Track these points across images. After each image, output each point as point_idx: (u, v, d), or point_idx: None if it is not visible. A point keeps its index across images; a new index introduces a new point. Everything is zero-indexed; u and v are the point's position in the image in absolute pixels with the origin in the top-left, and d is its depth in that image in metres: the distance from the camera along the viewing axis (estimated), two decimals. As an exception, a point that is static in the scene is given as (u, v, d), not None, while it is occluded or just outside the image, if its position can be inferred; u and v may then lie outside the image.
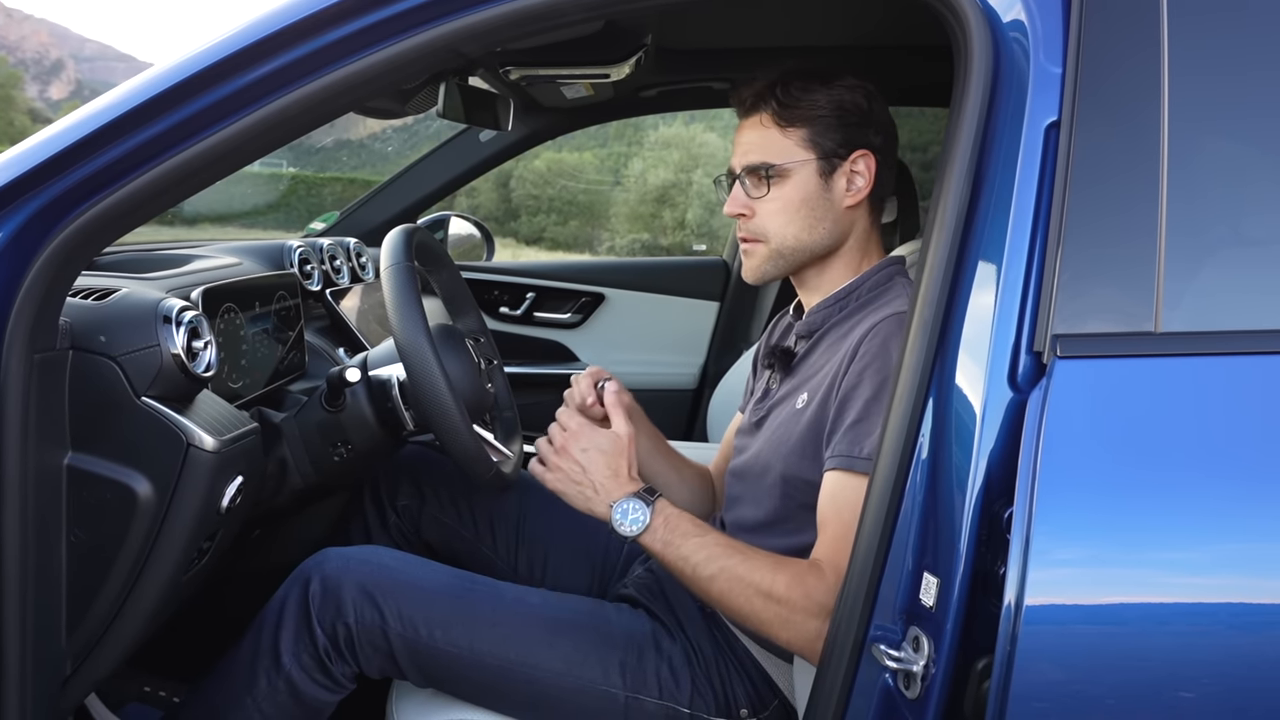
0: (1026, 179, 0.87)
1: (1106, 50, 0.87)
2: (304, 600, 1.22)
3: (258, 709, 1.22)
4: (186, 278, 1.41)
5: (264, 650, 1.22)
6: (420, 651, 1.20)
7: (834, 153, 1.21)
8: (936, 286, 0.91)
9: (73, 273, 0.99)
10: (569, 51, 1.57)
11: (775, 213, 1.22)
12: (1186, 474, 0.81)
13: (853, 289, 1.26)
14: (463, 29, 0.95)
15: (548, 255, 11.80)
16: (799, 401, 1.23)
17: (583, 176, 14.19)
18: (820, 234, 1.23)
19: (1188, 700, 0.79)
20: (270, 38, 0.94)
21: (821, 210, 1.22)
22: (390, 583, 1.23)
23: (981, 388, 0.85)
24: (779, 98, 1.21)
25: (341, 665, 1.22)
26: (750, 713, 1.23)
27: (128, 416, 1.05)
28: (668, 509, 1.15)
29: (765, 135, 1.22)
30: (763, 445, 1.28)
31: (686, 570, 1.13)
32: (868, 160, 1.22)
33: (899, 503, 0.91)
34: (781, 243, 1.24)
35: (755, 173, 1.22)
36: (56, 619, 1.04)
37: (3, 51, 22.78)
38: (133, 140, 0.94)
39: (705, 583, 1.12)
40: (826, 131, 1.21)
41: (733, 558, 1.12)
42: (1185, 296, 0.84)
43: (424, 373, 1.22)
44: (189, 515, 1.08)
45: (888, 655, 0.88)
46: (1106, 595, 0.79)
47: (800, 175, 1.21)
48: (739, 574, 1.10)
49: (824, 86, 1.21)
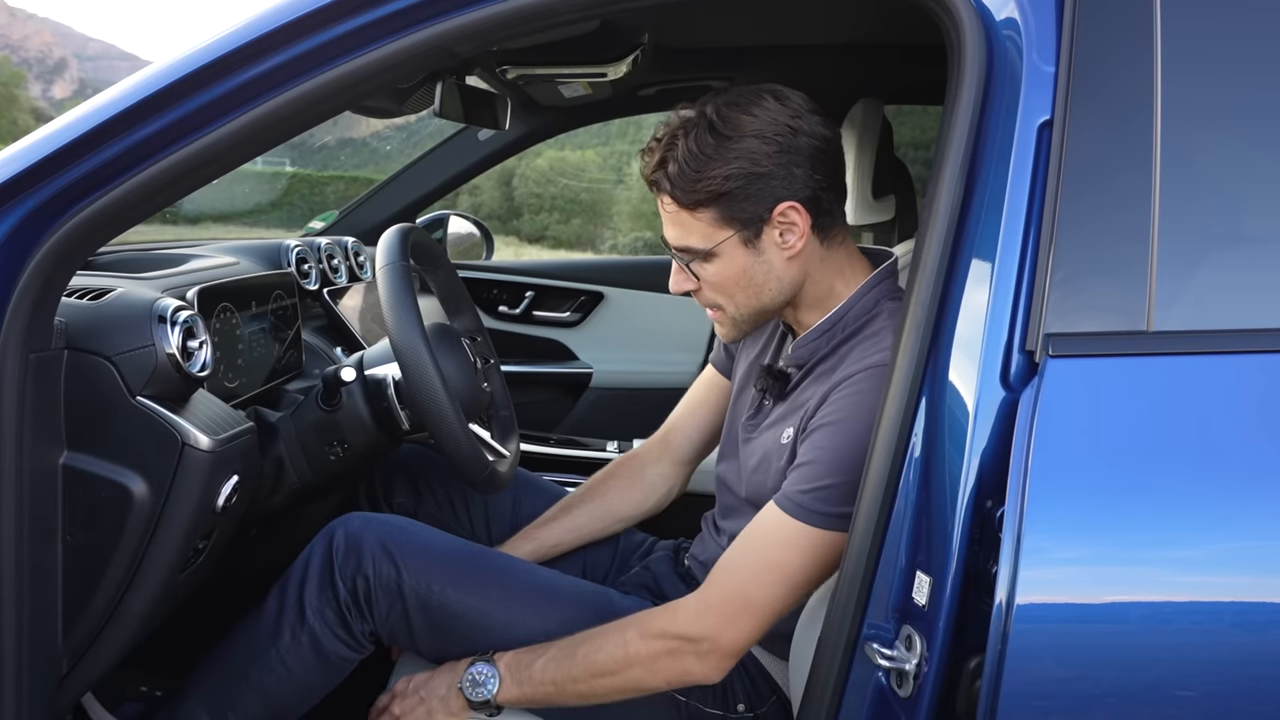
0: (1019, 178, 0.87)
1: (1100, 49, 0.87)
2: (328, 554, 1.24)
3: (281, 661, 1.24)
4: (182, 277, 1.41)
5: (289, 604, 1.24)
6: (431, 606, 1.23)
7: (754, 219, 1.11)
8: (929, 285, 0.91)
9: (68, 272, 0.99)
10: (566, 51, 1.57)
11: (717, 286, 1.16)
12: (1179, 473, 0.81)
13: (838, 319, 1.19)
14: (456, 29, 0.95)
15: (550, 254, 11.79)
16: (784, 436, 1.20)
17: (585, 175, 14.17)
18: (770, 294, 1.16)
19: (1182, 699, 0.79)
20: (264, 37, 0.94)
21: (761, 275, 1.15)
22: (408, 543, 1.26)
23: (974, 387, 0.85)
24: (673, 181, 1.10)
25: (360, 622, 1.24)
26: (748, 708, 1.24)
27: (123, 416, 1.05)
28: (502, 658, 1.19)
29: (678, 218, 1.13)
30: (746, 468, 1.28)
31: (553, 691, 1.15)
32: (795, 210, 1.10)
33: (892, 501, 0.91)
34: (736, 311, 1.18)
35: (684, 255, 1.15)
36: (52, 618, 1.04)
37: (6, 51, 22.81)
38: (127, 140, 0.94)
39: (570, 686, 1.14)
40: (735, 203, 1.09)
41: (578, 649, 1.14)
42: (1178, 295, 0.84)
43: (419, 372, 1.22)
44: (184, 515, 1.08)
45: (880, 654, 0.88)
46: (1098, 595, 0.79)
47: (726, 253, 1.13)
48: (592, 659, 1.13)
49: (718, 151, 1.07)
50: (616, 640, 1.13)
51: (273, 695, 1.24)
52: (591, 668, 1.12)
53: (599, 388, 2.67)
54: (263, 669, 1.24)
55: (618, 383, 2.67)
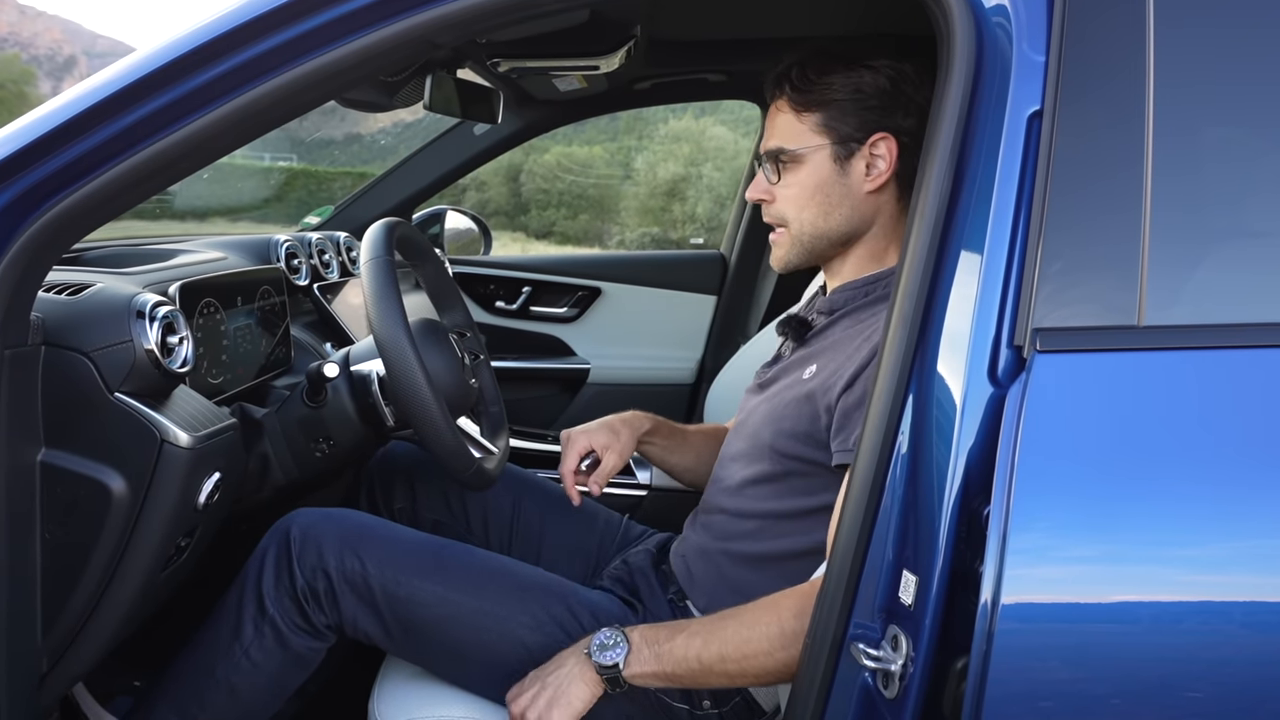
0: (1008, 169, 0.86)
1: (1091, 38, 0.85)
2: (285, 545, 1.24)
3: (246, 655, 1.23)
4: (165, 272, 1.40)
5: (248, 598, 1.24)
6: (401, 600, 1.21)
7: (850, 137, 1.18)
8: (917, 278, 0.90)
9: (44, 267, 0.98)
10: (557, 43, 1.55)
11: (791, 198, 1.22)
12: (1169, 471, 0.79)
13: (882, 276, 1.24)
14: (436, 19, 0.94)
15: (558, 249, 11.78)
16: (806, 372, 1.22)
17: (592, 171, 14.17)
18: (837, 220, 1.21)
19: (1167, 699, 0.78)
20: (241, 28, 0.92)
21: (837, 195, 1.20)
22: (370, 537, 1.25)
23: (961, 382, 0.84)
24: (793, 82, 1.19)
25: (319, 614, 1.23)
26: (713, 704, 1.22)
27: (101, 413, 1.04)
28: (633, 630, 1.13)
29: (783, 120, 1.21)
30: (763, 408, 1.27)
31: (694, 667, 1.09)
32: (888, 144, 1.18)
33: (879, 499, 0.90)
34: (800, 229, 1.23)
35: (773, 158, 1.22)
36: (31, 616, 1.03)
37: (16, 48, 22.90)
38: (103, 133, 0.93)
39: (718, 666, 1.08)
40: (842, 115, 1.18)
41: (726, 627, 1.08)
42: (1170, 289, 0.82)
43: (402, 367, 1.21)
44: (164, 512, 1.07)
45: (866, 654, 0.87)
46: (1085, 594, 0.78)
47: (814, 160, 1.20)
48: (744, 637, 1.07)
49: (844, 70, 1.18)
50: (770, 618, 1.06)
51: (240, 691, 1.23)
52: (744, 647, 1.06)
53: (596, 383, 2.66)
54: (229, 665, 1.23)
55: (615, 378, 2.66)
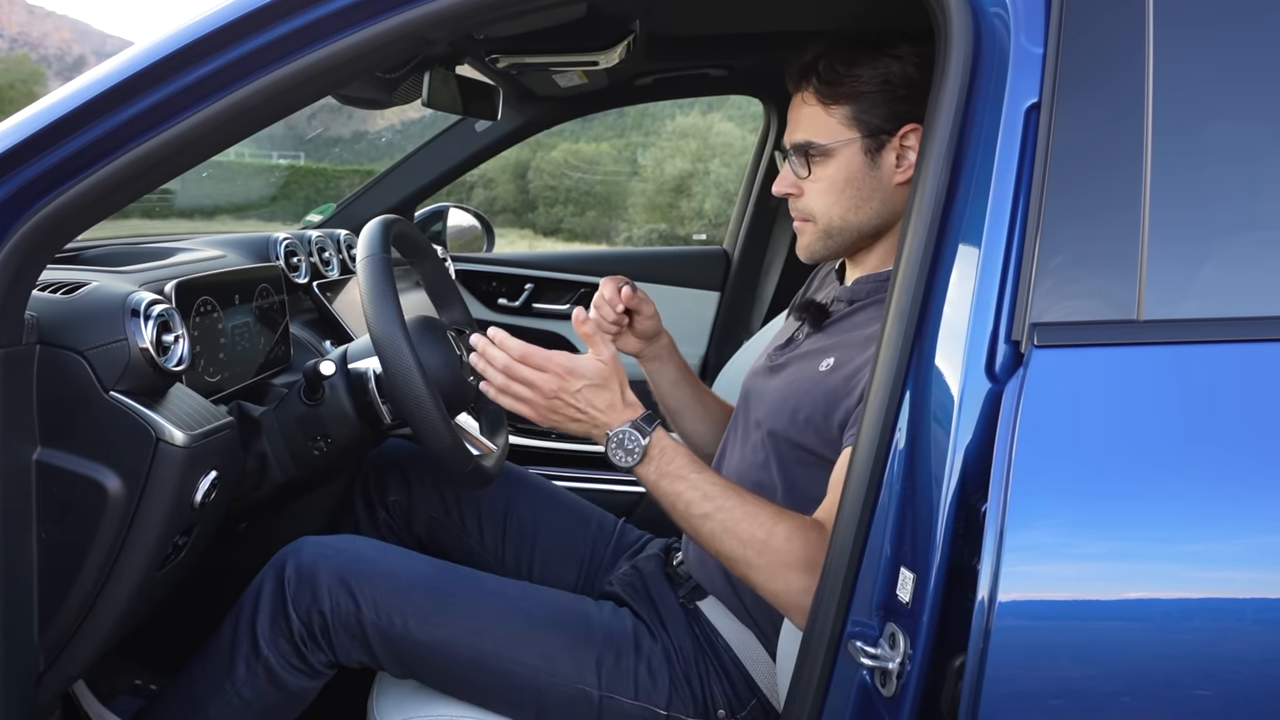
0: (1006, 162, 0.85)
1: (1089, 30, 0.84)
2: (279, 586, 1.22)
3: (237, 694, 1.22)
4: (162, 271, 1.40)
5: (242, 636, 1.22)
6: (395, 641, 1.20)
7: (880, 129, 1.16)
8: (914, 273, 0.89)
9: (38, 265, 0.98)
10: (556, 39, 1.54)
11: (821, 192, 1.19)
12: (1168, 467, 0.78)
13: None
14: (427, 15, 0.93)
15: (565, 246, 11.79)
16: (823, 365, 1.19)
17: (599, 167, 14.17)
18: (868, 213, 1.19)
19: (1164, 697, 0.77)
20: (233, 25, 0.92)
21: (868, 189, 1.18)
22: (367, 572, 1.22)
23: (959, 378, 0.83)
24: (820, 74, 1.17)
25: (317, 653, 1.22)
26: (728, 713, 1.21)
27: (96, 412, 1.04)
28: (664, 440, 1.10)
29: (810, 113, 1.19)
30: (773, 394, 1.25)
31: (679, 506, 1.08)
32: (919, 134, 1.14)
33: (876, 495, 0.89)
34: (829, 222, 1.20)
35: (801, 152, 1.19)
36: (28, 615, 1.03)
37: (25, 48, 22.97)
38: (96, 130, 0.93)
39: (697, 520, 1.07)
40: (871, 108, 1.16)
41: (729, 499, 1.07)
42: (1170, 283, 0.81)
43: (398, 365, 1.21)
44: (160, 511, 1.07)
45: (864, 652, 0.86)
46: (1082, 591, 0.77)
47: (844, 154, 1.17)
48: (736, 517, 1.05)
49: (871, 59, 1.16)
50: (766, 524, 1.05)
51: None
52: (728, 524, 1.05)
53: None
54: (221, 702, 1.22)
55: None
